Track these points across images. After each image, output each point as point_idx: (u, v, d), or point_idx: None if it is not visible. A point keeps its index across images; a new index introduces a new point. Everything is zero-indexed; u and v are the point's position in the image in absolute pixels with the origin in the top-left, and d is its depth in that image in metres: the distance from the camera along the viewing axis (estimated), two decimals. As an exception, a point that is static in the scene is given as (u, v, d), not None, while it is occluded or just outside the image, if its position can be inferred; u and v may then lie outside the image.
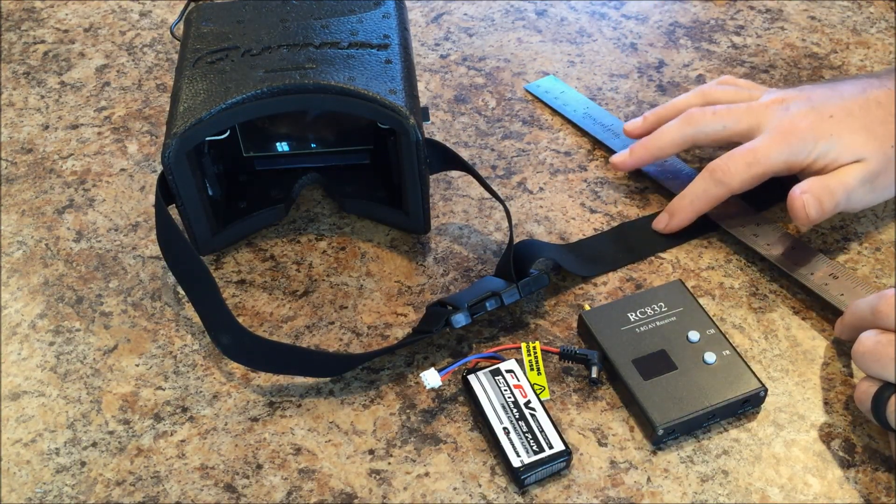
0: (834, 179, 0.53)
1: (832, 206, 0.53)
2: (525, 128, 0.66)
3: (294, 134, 0.59)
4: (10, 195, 0.62)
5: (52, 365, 0.52)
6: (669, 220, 0.57)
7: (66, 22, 0.78)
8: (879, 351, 0.44)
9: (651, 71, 0.70)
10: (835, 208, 0.53)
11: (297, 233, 0.59)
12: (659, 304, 0.51)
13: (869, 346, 0.45)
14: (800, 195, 0.52)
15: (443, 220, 0.59)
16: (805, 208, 0.52)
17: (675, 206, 0.57)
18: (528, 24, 0.75)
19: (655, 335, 0.50)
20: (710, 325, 0.50)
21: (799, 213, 0.52)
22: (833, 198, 0.52)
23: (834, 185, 0.53)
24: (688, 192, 0.56)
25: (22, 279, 0.56)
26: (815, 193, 0.52)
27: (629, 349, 0.49)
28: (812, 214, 0.52)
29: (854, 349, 0.46)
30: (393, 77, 0.52)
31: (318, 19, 0.56)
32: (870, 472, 0.46)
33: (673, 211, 0.57)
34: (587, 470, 0.46)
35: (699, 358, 0.48)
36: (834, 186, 0.53)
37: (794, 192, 0.53)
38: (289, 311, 0.54)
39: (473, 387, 0.48)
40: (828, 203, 0.52)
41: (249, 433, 0.48)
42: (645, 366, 0.48)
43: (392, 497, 0.45)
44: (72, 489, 0.46)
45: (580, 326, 0.52)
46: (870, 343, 0.45)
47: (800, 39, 0.73)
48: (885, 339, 0.44)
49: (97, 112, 0.68)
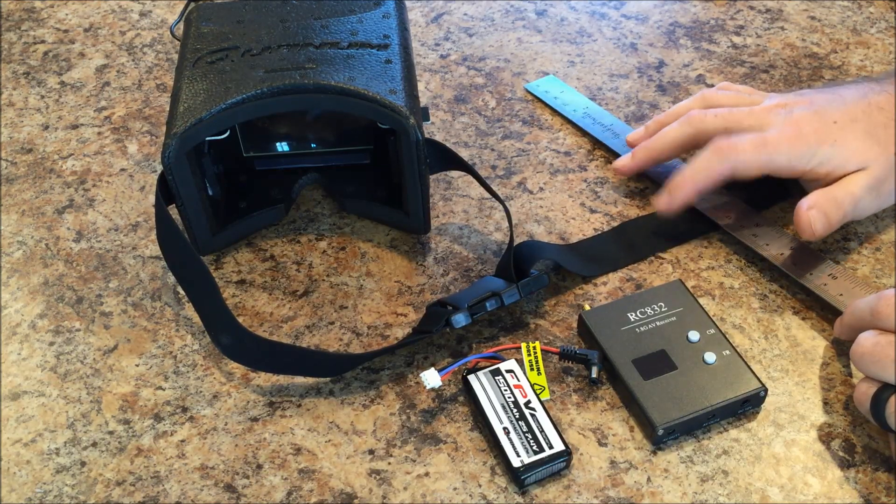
0: (840, 190, 0.53)
1: (839, 219, 0.53)
2: (525, 128, 0.66)
3: (294, 134, 0.59)
4: (10, 195, 0.62)
5: (52, 365, 0.52)
6: (671, 198, 0.55)
7: (66, 22, 0.78)
8: (878, 352, 0.44)
9: (651, 71, 0.70)
10: (842, 219, 0.53)
11: (297, 233, 0.59)
12: (659, 304, 0.51)
13: (868, 348, 0.45)
14: (806, 211, 0.52)
15: (443, 220, 0.59)
16: (811, 225, 0.52)
17: (675, 183, 0.55)
18: (528, 24, 0.75)
19: (655, 335, 0.50)
20: (710, 325, 0.50)
21: (805, 229, 0.52)
22: (840, 210, 0.52)
23: (841, 197, 0.53)
24: (690, 166, 0.55)
25: (22, 279, 0.56)
26: (822, 208, 0.52)
27: (629, 349, 0.49)
28: (818, 230, 0.52)
29: (853, 350, 0.46)
30: (393, 77, 0.52)
31: (318, 19, 0.56)
32: (870, 472, 0.46)
33: (673, 187, 0.55)
34: (587, 470, 0.46)
35: (699, 358, 0.48)
36: (841, 198, 0.53)
37: (801, 206, 0.53)
38: (289, 311, 0.54)
39: (473, 387, 0.48)
40: (835, 216, 0.52)
41: (249, 433, 0.48)
42: (645, 366, 0.48)
43: (392, 497, 0.45)
44: (72, 489, 0.46)
45: (580, 326, 0.52)
46: (868, 344, 0.45)
47: (800, 39, 0.73)
48: (884, 340, 0.44)
49: (97, 112, 0.68)
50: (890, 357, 0.43)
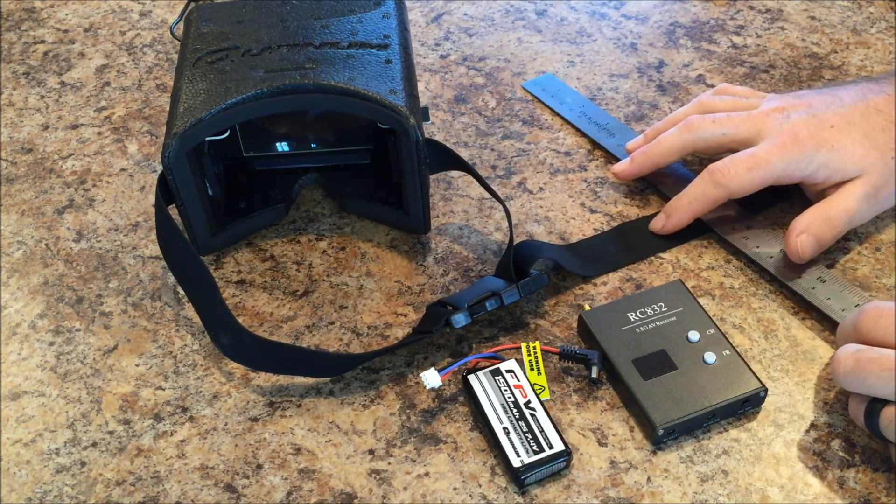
0: (836, 207, 0.53)
1: (832, 238, 0.53)
2: (525, 128, 0.66)
3: (294, 134, 0.59)
4: (10, 195, 0.62)
5: (52, 365, 0.52)
6: (666, 221, 0.56)
7: (66, 22, 0.78)
8: (860, 368, 0.43)
9: (651, 71, 0.70)
10: (836, 237, 0.53)
11: (297, 233, 0.59)
12: (659, 303, 0.51)
13: (850, 366, 0.44)
14: (796, 237, 0.52)
15: (443, 220, 0.59)
16: (799, 251, 0.52)
17: (672, 207, 0.56)
18: (528, 24, 0.75)
19: (655, 335, 0.50)
20: (710, 324, 0.50)
21: (793, 254, 0.53)
22: (834, 230, 0.53)
23: (836, 215, 0.53)
24: (686, 192, 0.56)
25: (22, 279, 0.56)
26: (813, 231, 0.52)
27: (629, 349, 0.49)
28: (807, 256, 0.52)
29: (833, 370, 0.45)
30: (393, 77, 0.52)
31: (318, 19, 0.56)
32: (870, 472, 0.46)
33: (670, 211, 0.56)
34: (587, 470, 0.46)
35: (699, 358, 0.48)
36: (836, 216, 0.53)
37: (792, 230, 0.53)
38: (289, 311, 0.54)
39: (473, 387, 0.48)
40: (827, 237, 0.53)
41: (249, 433, 0.48)
42: (645, 366, 0.48)
43: (392, 497, 0.45)
44: (72, 489, 0.46)
45: (580, 326, 0.52)
46: (850, 362, 0.44)
47: (800, 39, 0.73)
48: (864, 357, 0.43)
49: (97, 112, 0.68)
50: (870, 370, 0.43)
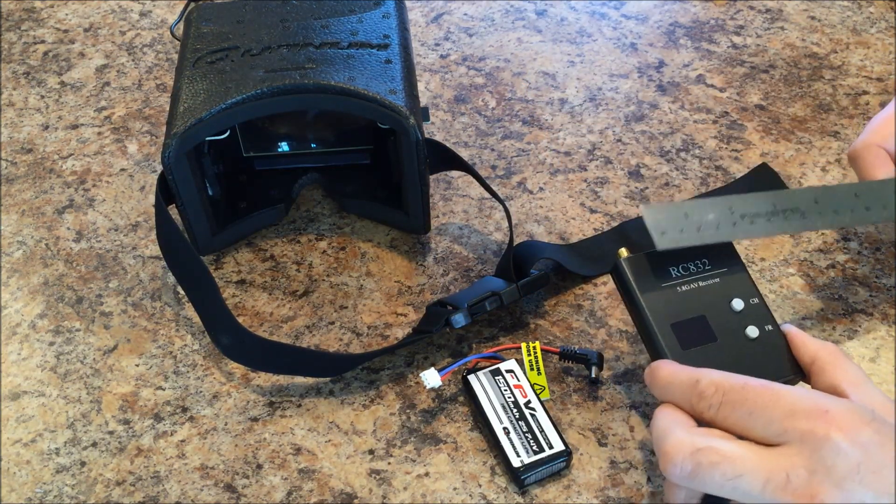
0: None
1: None
2: (525, 128, 0.66)
3: (294, 134, 0.59)
4: (10, 195, 0.62)
5: (52, 365, 0.52)
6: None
7: (66, 22, 0.78)
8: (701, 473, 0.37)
9: (651, 71, 0.70)
10: None
11: (297, 233, 0.59)
12: (703, 260, 0.45)
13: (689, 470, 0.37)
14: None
15: (443, 220, 0.59)
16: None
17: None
18: (528, 24, 0.75)
19: (696, 298, 0.44)
20: (755, 293, 0.45)
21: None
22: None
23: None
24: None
25: (22, 279, 0.56)
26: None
27: (669, 310, 0.44)
28: None
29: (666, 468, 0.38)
30: (393, 77, 0.52)
31: (318, 19, 0.56)
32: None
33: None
34: (587, 470, 0.46)
35: (741, 331, 0.43)
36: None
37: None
38: (289, 311, 0.54)
39: (473, 387, 0.48)
40: None
41: (249, 433, 0.48)
42: (683, 332, 0.43)
43: (392, 497, 0.45)
44: (72, 489, 0.46)
45: (615, 274, 0.46)
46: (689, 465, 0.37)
47: (800, 39, 0.73)
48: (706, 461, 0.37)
49: (97, 112, 0.68)
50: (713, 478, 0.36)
